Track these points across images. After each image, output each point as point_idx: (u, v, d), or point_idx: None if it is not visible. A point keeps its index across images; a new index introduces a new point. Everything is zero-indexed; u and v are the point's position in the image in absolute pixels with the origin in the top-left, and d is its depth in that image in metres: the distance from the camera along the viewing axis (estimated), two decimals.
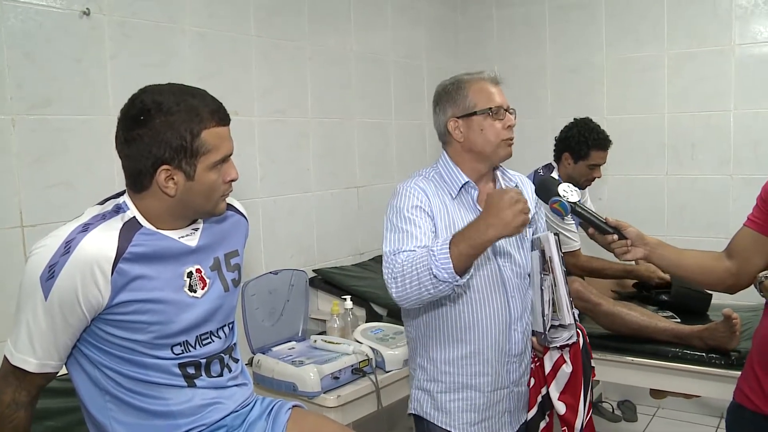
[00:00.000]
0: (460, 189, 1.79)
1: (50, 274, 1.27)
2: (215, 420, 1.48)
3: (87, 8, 2.19)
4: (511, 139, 1.80)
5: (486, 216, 1.51)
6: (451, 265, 1.49)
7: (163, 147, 1.31)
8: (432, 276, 1.51)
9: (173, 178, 1.34)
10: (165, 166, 1.33)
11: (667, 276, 2.93)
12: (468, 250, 1.50)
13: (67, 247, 1.27)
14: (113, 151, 1.38)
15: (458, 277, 1.51)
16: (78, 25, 2.18)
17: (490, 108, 1.76)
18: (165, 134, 1.31)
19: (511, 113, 1.80)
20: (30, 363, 1.32)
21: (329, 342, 2.47)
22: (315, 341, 2.50)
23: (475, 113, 1.77)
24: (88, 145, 2.21)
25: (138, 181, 1.36)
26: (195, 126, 1.32)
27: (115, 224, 1.34)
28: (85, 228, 1.31)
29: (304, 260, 3.07)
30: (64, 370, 1.40)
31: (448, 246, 1.50)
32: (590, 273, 2.93)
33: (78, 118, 2.19)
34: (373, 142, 3.50)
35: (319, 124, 3.16)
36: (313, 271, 3.08)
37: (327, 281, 3.04)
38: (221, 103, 1.39)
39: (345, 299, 2.71)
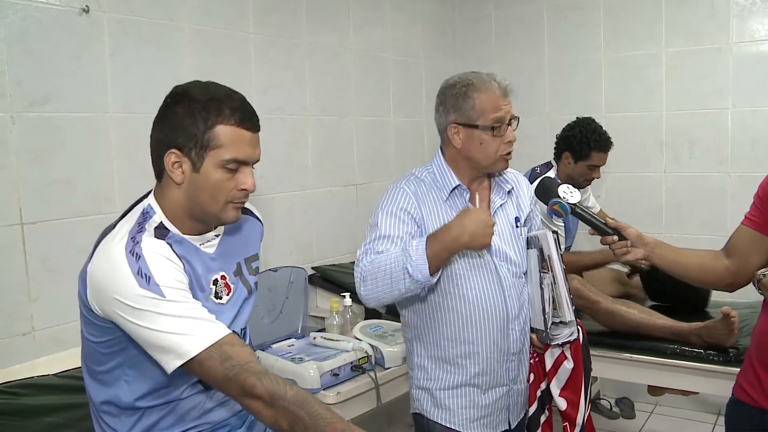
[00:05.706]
0: (452, 191, 1.79)
1: (146, 278, 1.25)
2: (223, 419, 1.48)
3: (86, 5, 2.18)
4: (510, 153, 1.79)
5: (462, 224, 1.57)
6: (427, 267, 1.57)
7: (179, 131, 1.31)
8: (407, 275, 1.59)
9: (181, 166, 1.33)
10: (174, 150, 1.32)
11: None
12: (442, 254, 1.59)
13: (136, 254, 1.26)
14: (112, 148, 1.39)
15: (431, 278, 1.60)
16: (77, 23, 2.18)
17: (493, 127, 1.73)
18: (184, 120, 1.31)
19: (512, 124, 1.76)
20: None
21: (328, 339, 2.47)
22: (314, 338, 2.51)
23: (477, 126, 1.74)
24: (87, 143, 2.20)
25: (156, 165, 1.37)
26: (212, 118, 1.31)
27: (150, 231, 1.33)
28: (134, 240, 1.29)
29: (303, 258, 3.07)
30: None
31: (424, 248, 1.58)
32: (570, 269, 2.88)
33: (77, 115, 2.19)
34: (371, 140, 3.50)
35: (318, 121, 3.16)
36: (312, 268, 3.08)
37: (326, 278, 3.04)
38: (251, 109, 1.38)
39: (344, 296, 2.71)
